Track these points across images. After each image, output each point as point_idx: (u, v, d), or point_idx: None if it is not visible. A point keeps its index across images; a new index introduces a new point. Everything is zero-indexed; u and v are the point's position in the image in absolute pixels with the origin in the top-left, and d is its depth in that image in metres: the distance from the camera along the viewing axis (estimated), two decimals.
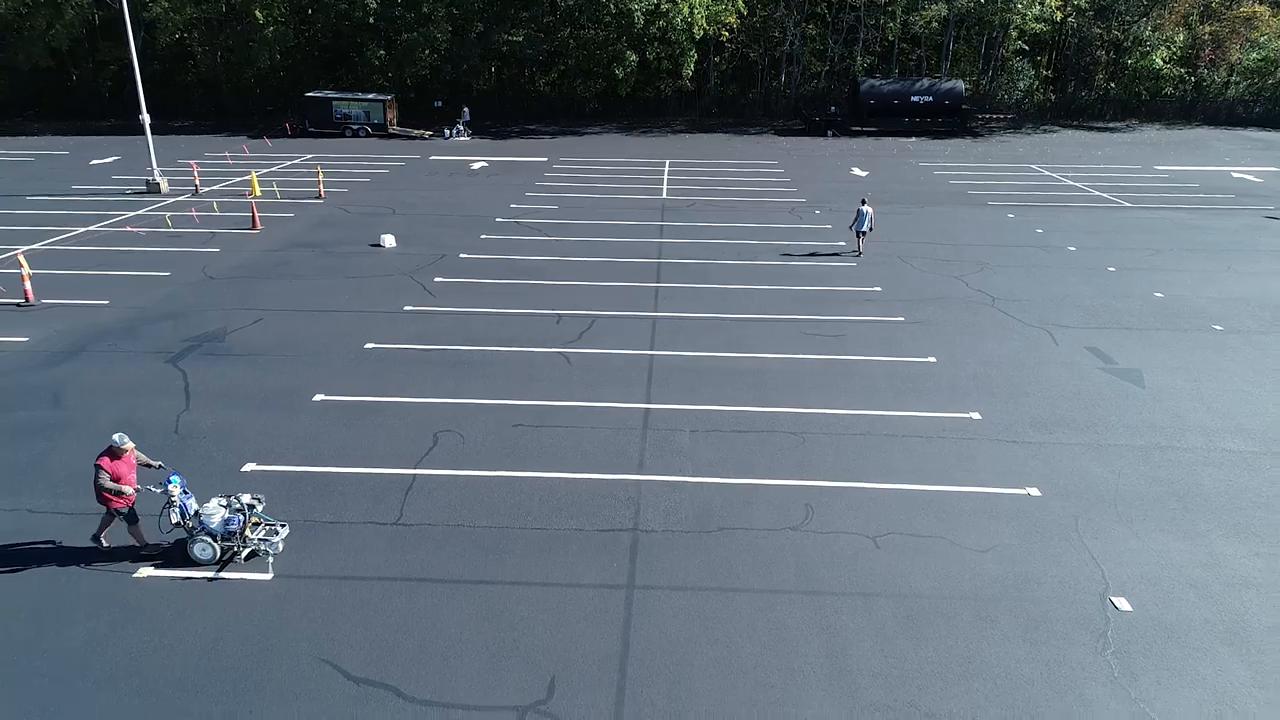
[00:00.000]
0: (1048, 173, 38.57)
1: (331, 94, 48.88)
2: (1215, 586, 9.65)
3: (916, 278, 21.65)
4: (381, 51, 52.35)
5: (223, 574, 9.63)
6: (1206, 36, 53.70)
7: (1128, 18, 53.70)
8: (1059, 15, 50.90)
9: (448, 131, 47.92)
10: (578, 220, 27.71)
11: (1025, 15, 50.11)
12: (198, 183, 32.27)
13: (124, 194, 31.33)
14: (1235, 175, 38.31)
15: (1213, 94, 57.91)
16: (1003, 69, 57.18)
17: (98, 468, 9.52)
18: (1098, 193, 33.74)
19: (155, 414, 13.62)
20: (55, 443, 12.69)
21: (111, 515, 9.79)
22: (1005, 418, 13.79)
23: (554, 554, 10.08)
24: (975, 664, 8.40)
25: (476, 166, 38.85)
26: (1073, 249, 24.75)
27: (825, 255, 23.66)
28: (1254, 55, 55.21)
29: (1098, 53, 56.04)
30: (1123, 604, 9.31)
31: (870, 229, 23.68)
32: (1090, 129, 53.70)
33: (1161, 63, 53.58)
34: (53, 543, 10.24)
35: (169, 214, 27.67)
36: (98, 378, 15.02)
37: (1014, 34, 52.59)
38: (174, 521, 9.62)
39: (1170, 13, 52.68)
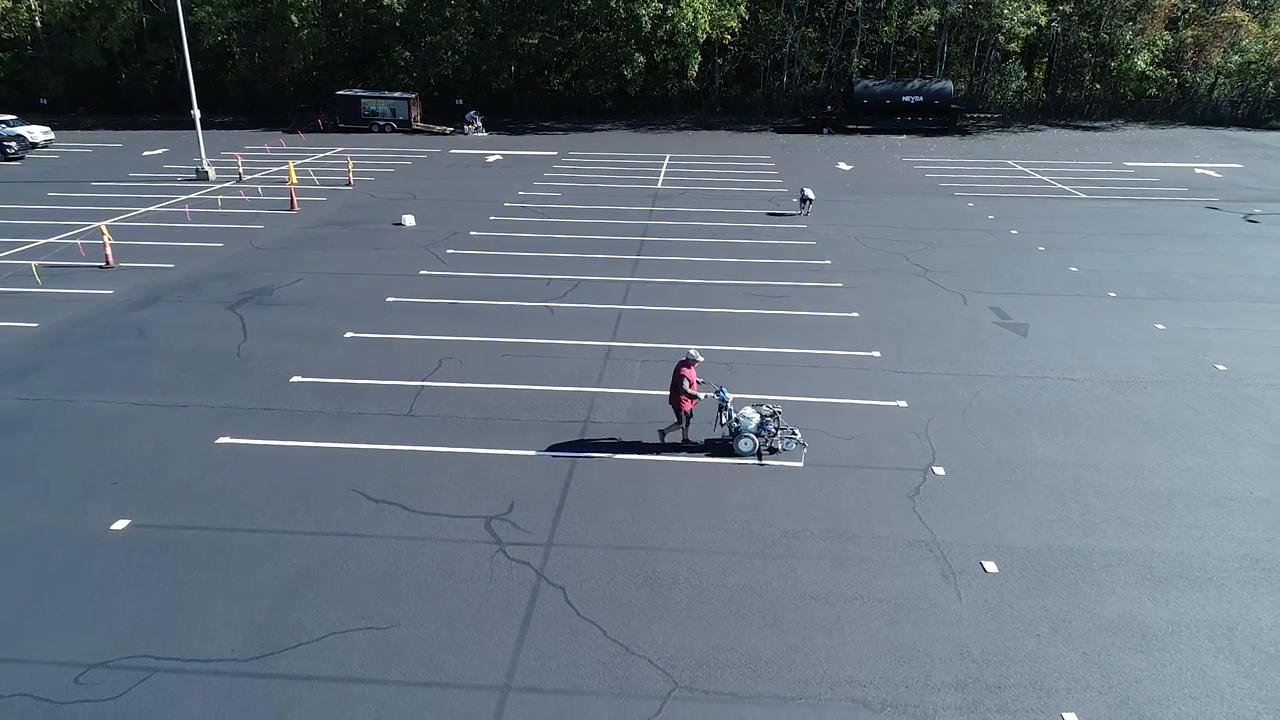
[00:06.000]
0: (1021, 168, 41.42)
1: (360, 92, 52.73)
2: (1016, 462, 12.86)
3: (864, 254, 24.84)
4: (407, 53, 56.20)
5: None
6: (1189, 40, 56.09)
7: (1113, 22, 56.25)
8: (1043, 20, 53.57)
9: (467, 128, 51.56)
10: (577, 205, 31.13)
11: (1012, 20, 52.87)
12: (241, 171, 36.11)
13: (175, 180, 35.20)
14: (1198, 171, 40.91)
15: (1201, 95, 60.27)
16: (995, 70, 59.91)
17: (682, 375, 12.40)
18: (1060, 185, 36.61)
19: (220, 344, 17.21)
20: (145, 361, 16.30)
21: (680, 416, 12.74)
22: (900, 355, 17.02)
23: (523, 435, 13.49)
24: (814, 500, 11.70)
25: (491, 159, 42.41)
26: (1014, 232, 27.79)
27: (789, 235, 26.91)
28: (1236, 59, 57.55)
29: (1084, 55, 58.63)
30: (939, 471, 12.56)
31: (812, 198, 29.32)
32: (1076, 128, 56.31)
33: (1144, 65, 56.07)
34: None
35: (219, 197, 31.49)
36: (172, 318, 18.67)
37: (1002, 38, 55.36)
38: (723, 423, 12.81)
39: (1153, 17, 55.15)
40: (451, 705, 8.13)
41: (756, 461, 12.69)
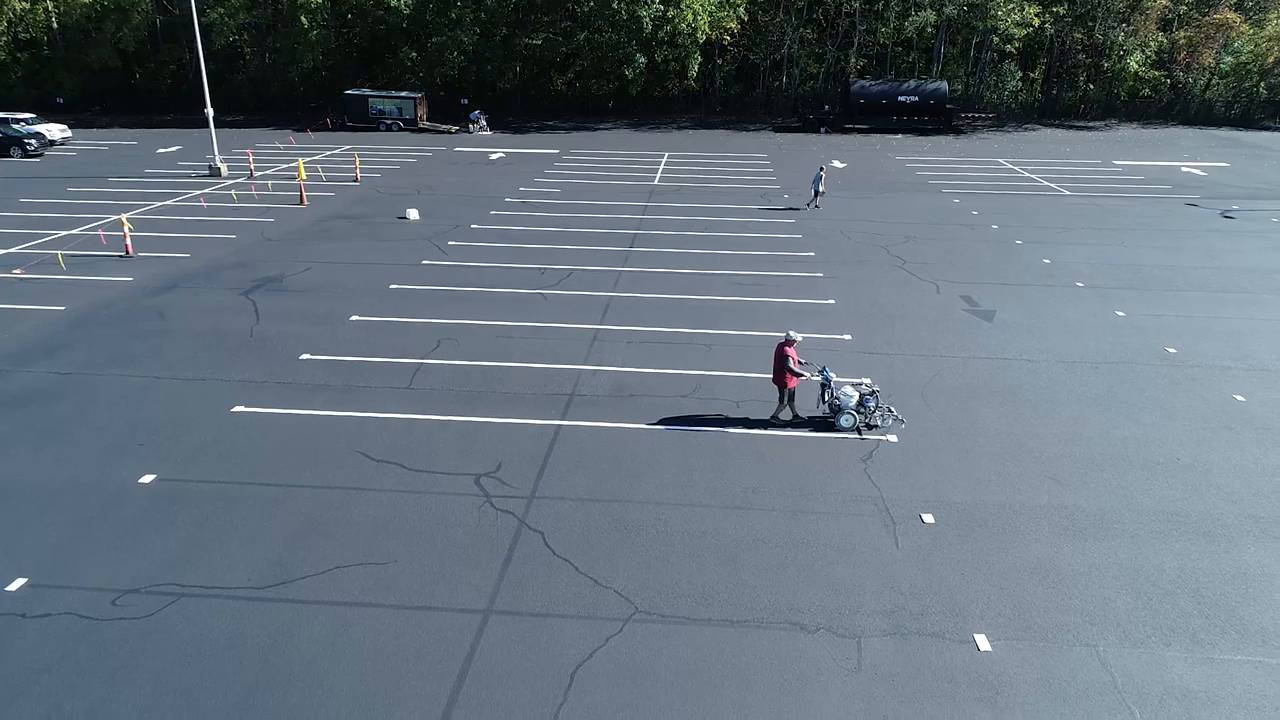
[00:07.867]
0: (1011, 166, 42.45)
1: (368, 92, 54.09)
2: (965, 432, 13.96)
3: (848, 246, 25.95)
4: (413, 53, 57.53)
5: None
6: (1182, 42, 56.97)
7: (1106, 24, 57.18)
8: (1037, 21, 54.54)
9: (471, 127, 52.83)
10: (575, 200, 32.33)
11: (1006, 22, 53.86)
12: (252, 168, 37.42)
13: (189, 176, 36.53)
14: (1184, 170, 41.84)
15: (1194, 95, 61.12)
16: (991, 71, 60.89)
17: (787, 355, 13.43)
18: (1046, 183, 37.63)
19: (234, 325, 18.45)
20: (165, 341, 17.55)
21: (784, 394, 13.78)
22: (870, 338, 18.15)
23: (513, 406, 14.67)
24: (775, 463, 12.83)
25: (494, 157, 43.66)
26: (995, 227, 28.84)
27: (777, 229, 28.03)
28: (1228, 60, 58.39)
29: (1078, 56, 59.56)
30: (893, 439, 13.68)
31: (823, 190, 30.99)
32: (1070, 128, 57.27)
33: (1137, 66, 56.98)
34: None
35: (233, 191, 32.81)
36: (190, 303, 19.93)
37: (997, 39, 56.37)
38: (825, 400, 13.91)
39: (1146, 19, 56.05)
40: (440, 625, 9.31)
41: (857, 435, 13.71)
